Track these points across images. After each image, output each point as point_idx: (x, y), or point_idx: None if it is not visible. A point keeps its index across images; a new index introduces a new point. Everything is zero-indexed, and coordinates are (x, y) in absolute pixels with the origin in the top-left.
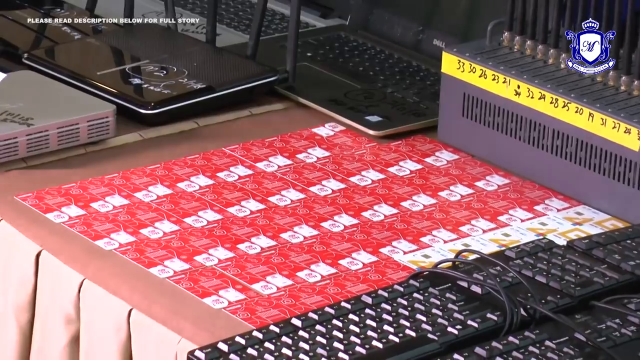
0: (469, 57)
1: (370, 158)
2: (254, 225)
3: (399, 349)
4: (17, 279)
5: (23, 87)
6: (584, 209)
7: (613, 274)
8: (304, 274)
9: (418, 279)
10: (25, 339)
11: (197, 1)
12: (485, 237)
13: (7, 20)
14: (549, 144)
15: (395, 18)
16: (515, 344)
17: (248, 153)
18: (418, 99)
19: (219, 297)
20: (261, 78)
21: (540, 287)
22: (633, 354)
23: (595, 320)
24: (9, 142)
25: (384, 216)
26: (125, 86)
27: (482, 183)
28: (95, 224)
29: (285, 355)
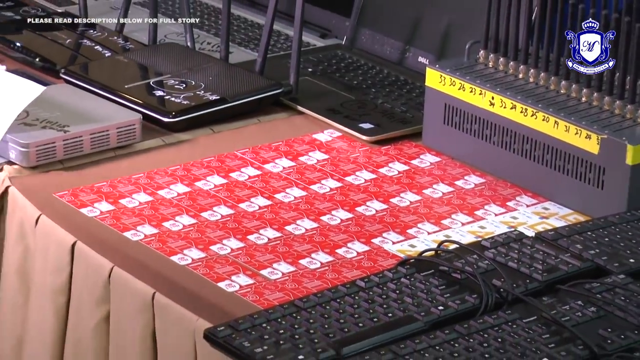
0: (450, 72)
1: (363, 160)
2: (262, 219)
3: (388, 327)
4: (55, 266)
5: (60, 98)
6: (550, 204)
7: (575, 261)
8: (306, 261)
9: (405, 265)
10: (61, 318)
11: (212, 24)
12: (463, 229)
13: (47, 40)
14: (519, 148)
15: (384, 38)
16: (490, 322)
17: (257, 156)
18: (405, 109)
19: (231, 281)
20: (268, 90)
21: (512, 272)
22: (593, 332)
23: (560, 302)
24: (47, 146)
25: (376, 211)
26: (149, 97)
27: (461, 182)
28: (123, 217)
29: (289, 331)
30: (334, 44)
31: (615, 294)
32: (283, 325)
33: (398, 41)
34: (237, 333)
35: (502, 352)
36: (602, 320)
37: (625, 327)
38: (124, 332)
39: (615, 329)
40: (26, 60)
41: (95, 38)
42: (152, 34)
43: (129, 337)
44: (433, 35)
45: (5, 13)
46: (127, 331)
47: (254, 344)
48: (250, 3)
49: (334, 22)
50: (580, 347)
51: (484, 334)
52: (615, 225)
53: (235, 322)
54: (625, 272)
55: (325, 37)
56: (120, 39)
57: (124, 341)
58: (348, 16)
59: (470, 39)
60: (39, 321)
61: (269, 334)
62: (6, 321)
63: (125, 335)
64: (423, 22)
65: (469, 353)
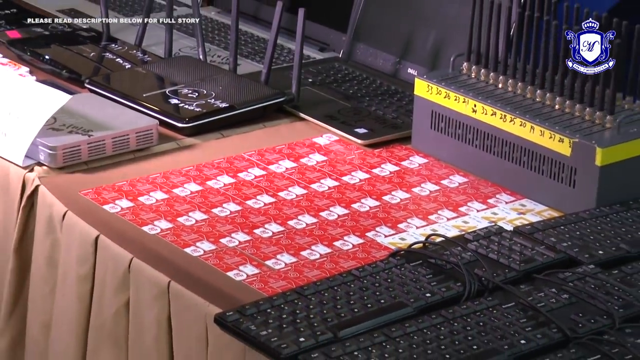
0: (436, 82)
1: (358, 162)
2: (267, 214)
3: (381, 312)
4: (79, 257)
5: (85, 105)
6: (527, 201)
7: (550, 253)
8: (306, 253)
9: (396, 257)
10: (85, 304)
11: (222, 39)
12: (449, 224)
13: (72, 53)
14: (499, 151)
15: (377, 52)
16: (472, 308)
17: (262, 158)
18: (396, 115)
19: (239, 271)
20: (272, 99)
21: (492, 263)
22: (565, 317)
23: (535, 289)
24: (73, 149)
25: (369, 207)
26: (165, 105)
27: (446, 181)
28: (142, 213)
29: (291, 315)
30: (332, 57)
31: (585, 283)
32: (286, 310)
33: (390, 54)
34: (244, 318)
35: (483, 335)
36: (574, 306)
37: (595, 313)
38: (142, 317)
39: (586, 314)
40: (54, 72)
41: (116, 51)
42: (167, 48)
43: (147, 322)
44: (421, 49)
45: (36, 29)
46: (144, 316)
47: (260, 328)
48: (256, 19)
49: (331, 37)
50: (554, 330)
51: (467, 318)
52: (586, 220)
53: (242, 308)
54: (595, 263)
55: (323, 50)
56: (139, 53)
57: (142, 325)
58: (344, 32)
59: (455, 53)
60: (65, 307)
61: (273, 319)
62: (36, 306)
63: (143, 319)
64: (412, 38)
65: (454, 336)
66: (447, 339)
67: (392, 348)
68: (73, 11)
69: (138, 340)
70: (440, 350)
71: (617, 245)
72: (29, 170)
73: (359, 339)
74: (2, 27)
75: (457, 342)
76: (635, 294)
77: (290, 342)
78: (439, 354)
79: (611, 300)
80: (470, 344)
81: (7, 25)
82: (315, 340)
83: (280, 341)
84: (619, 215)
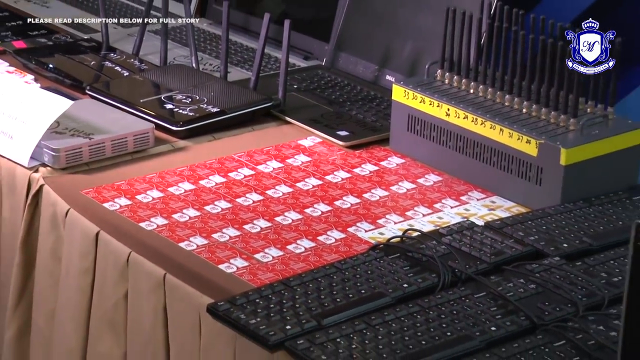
0: (412, 88)
1: (340, 162)
2: (256, 211)
3: (361, 301)
4: (81, 252)
5: (86, 110)
6: (497, 198)
7: (518, 246)
8: (292, 247)
9: (376, 250)
10: (87, 295)
11: (213, 48)
12: (424, 219)
13: (74, 61)
14: (470, 151)
15: (358, 60)
16: (447, 297)
17: (251, 158)
18: (375, 119)
19: (230, 264)
20: (260, 104)
21: (465, 255)
22: (533, 305)
23: (505, 280)
24: (75, 151)
25: (351, 204)
26: (161, 110)
27: (422, 180)
28: (139, 211)
29: (279, 305)
30: (316, 65)
31: (551, 273)
32: (273, 300)
33: (369, 62)
34: (235, 307)
35: (457, 322)
36: (541, 295)
37: (560, 301)
38: (139, 307)
39: (552, 302)
40: (57, 79)
41: (115, 60)
42: (163, 57)
43: (144, 311)
44: (399, 57)
45: (40, 40)
46: (142, 306)
47: (249, 317)
48: (245, 30)
49: (315, 47)
50: (522, 317)
51: (441, 307)
52: (551, 216)
53: (233, 298)
54: (560, 255)
55: (308, 59)
56: (137, 61)
57: (139, 315)
58: (327, 41)
59: (430, 61)
60: (68, 298)
61: (261, 308)
62: (41, 297)
63: (140, 309)
64: (390, 47)
65: (429, 323)
66: (423, 327)
67: (372, 335)
68: (75, 23)
69: (136, 329)
70: (417, 336)
71: (581, 239)
72: (34, 171)
73: (341, 326)
74: (8, 38)
75: (433, 329)
76: (598, 284)
77: (278, 330)
78: (416, 340)
79: (575, 290)
80: (445, 331)
81: (14, 36)
82: (300, 328)
83: (268, 329)
84: (582, 211)
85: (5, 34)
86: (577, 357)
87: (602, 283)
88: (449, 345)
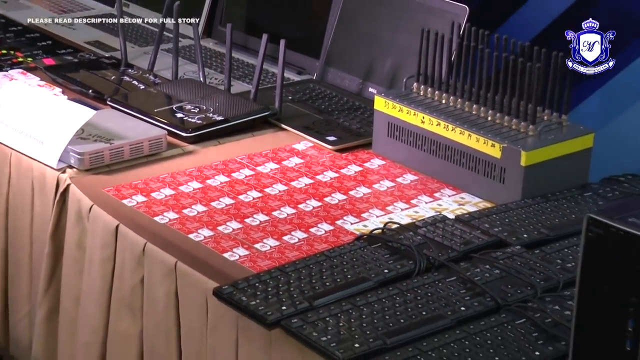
0: (392, 98)
1: (329, 163)
2: (255, 206)
3: (347, 285)
4: (103, 243)
5: (107, 119)
6: (466, 195)
7: (484, 236)
8: (287, 237)
9: (360, 240)
10: (108, 281)
11: (218, 64)
12: (402, 213)
13: (97, 76)
14: (442, 154)
15: (345, 75)
16: (422, 281)
17: (251, 160)
18: (359, 126)
19: (233, 253)
20: (259, 113)
21: (438, 245)
22: (497, 288)
23: (473, 266)
24: (97, 154)
25: (338, 200)
26: (172, 118)
27: (400, 179)
28: (154, 206)
29: (275, 289)
30: (308, 79)
31: (513, 260)
32: (271, 284)
33: (355, 77)
34: (237, 291)
35: (431, 303)
36: (504, 279)
37: (520, 285)
38: (154, 291)
39: (514, 286)
40: (82, 92)
41: (132, 75)
42: (174, 72)
43: (158, 295)
44: (380, 72)
45: (67, 57)
46: (156, 290)
47: (249, 299)
48: (245, 49)
49: (307, 63)
50: (488, 299)
51: (417, 290)
52: (513, 210)
53: (235, 283)
54: (521, 244)
55: (301, 73)
56: (151, 76)
57: (154, 298)
58: (318, 58)
59: (407, 75)
60: (91, 283)
61: (260, 291)
62: (67, 283)
63: (155, 293)
64: (373, 63)
65: (407, 304)
66: (402, 307)
67: (357, 314)
68: (97, 43)
69: (151, 310)
70: (396, 315)
71: (539, 230)
72: (61, 172)
73: (330, 307)
74: (39, 56)
75: (410, 309)
76: (554, 270)
77: (275, 310)
78: (395, 319)
79: (534, 274)
80: (420, 311)
81: (44, 54)
82: (294, 309)
83: (266, 309)
84: (540, 205)
85: (37, 53)
86: (536, 333)
87: (558, 268)
88: (424, 323)
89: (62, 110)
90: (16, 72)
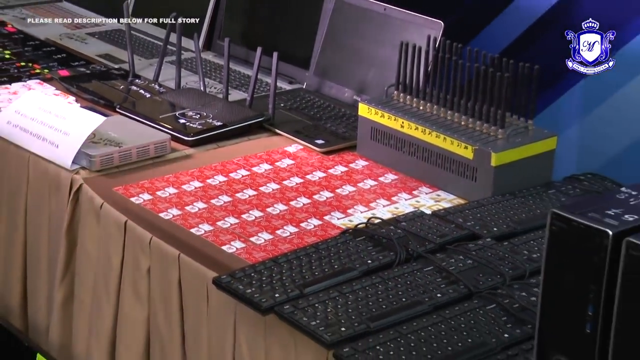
0: (374, 105)
1: (318, 164)
2: (251, 203)
3: (334, 274)
4: (112, 237)
5: (116, 125)
6: (442, 192)
7: (458, 230)
8: (280, 232)
9: (346, 234)
10: (118, 272)
11: (217, 75)
12: (384, 209)
13: (107, 86)
14: (420, 155)
15: (332, 84)
16: (402, 271)
17: (247, 162)
18: (345, 130)
19: (231, 245)
20: (255, 118)
21: (416, 237)
22: (470, 277)
23: (448, 257)
24: (108, 157)
25: (326, 197)
26: (176, 123)
27: (382, 178)
28: (159, 204)
29: (269, 278)
30: (298, 88)
31: (484, 251)
32: (265, 274)
33: (341, 86)
34: (235, 280)
35: (410, 291)
36: (476, 269)
37: (491, 274)
38: (159, 281)
39: (485, 274)
40: (93, 100)
41: (139, 85)
42: (177, 82)
43: (164, 284)
44: (364, 81)
45: (80, 69)
46: (162, 280)
47: (246, 287)
48: (243, 61)
49: (298, 73)
50: (462, 287)
51: (398, 278)
52: (484, 206)
53: (233, 273)
54: (491, 237)
55: (292, 83)
56: (157, 85)
57: (160, 287)
58: (308, 69)
59: (388, 84)
60: (104, 274)
61: (256, 280)
62: (81, 273)
63: (160, 282)
64: (357, 73)
65: (389, 291)
66: (384, 294)
67: (343, 301)
68: (107, 55)
69: (156, 297)
70: (379, 302)
71: (508, 224)
72: (75, 173)
73: (318, 294)
74: (55, 67)
75: (391, 296)
76: (521, 260)
77: (268, 297)
78: (378, 305)
79: (503, 264)
80: (401, 297)
81: (59, 65)
82: (286, 296)
83: (260, 297)
84: (509, 202)
85: (52, 65)
86: (505, 318)
87: (525, 259)
88: (404, 308)
89: (75, 117)
90: (34, 83)
